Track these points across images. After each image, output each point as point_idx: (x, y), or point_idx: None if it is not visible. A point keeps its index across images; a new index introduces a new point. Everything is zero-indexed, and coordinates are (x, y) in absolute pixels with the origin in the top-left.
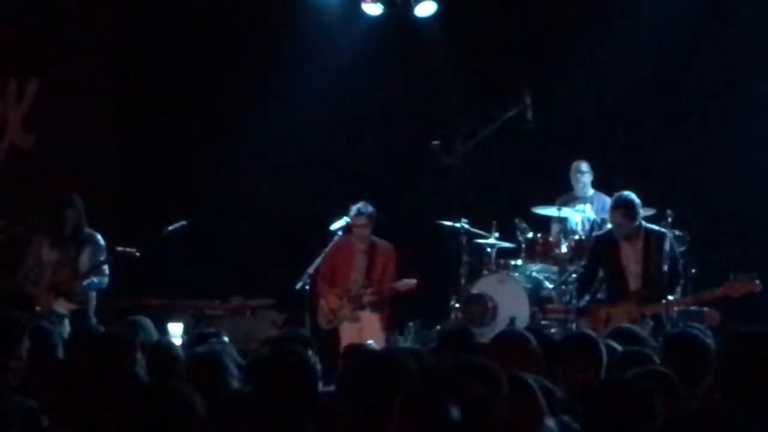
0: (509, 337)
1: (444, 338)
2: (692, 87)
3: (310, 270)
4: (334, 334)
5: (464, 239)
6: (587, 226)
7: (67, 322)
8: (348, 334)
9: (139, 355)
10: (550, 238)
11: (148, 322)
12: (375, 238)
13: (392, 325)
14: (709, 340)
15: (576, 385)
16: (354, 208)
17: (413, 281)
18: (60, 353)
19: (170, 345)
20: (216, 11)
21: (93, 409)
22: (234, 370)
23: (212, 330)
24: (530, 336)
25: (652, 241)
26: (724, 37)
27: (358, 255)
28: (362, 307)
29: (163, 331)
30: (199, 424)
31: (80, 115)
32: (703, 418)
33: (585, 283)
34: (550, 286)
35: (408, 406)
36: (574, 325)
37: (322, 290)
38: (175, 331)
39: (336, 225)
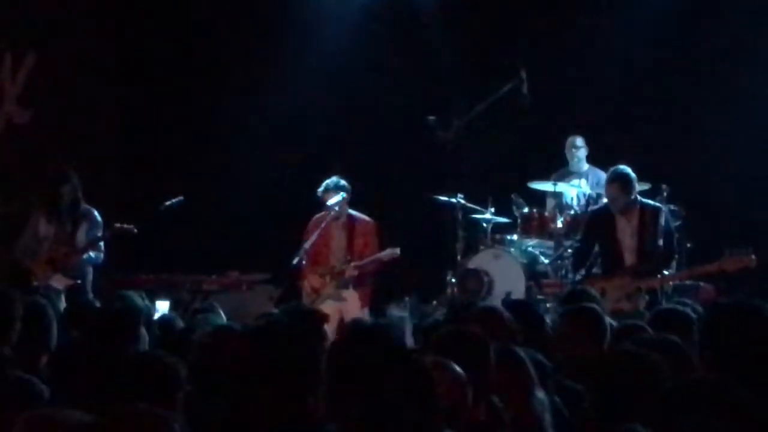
0: (484, 311)
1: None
2: (687, 62)
3: (307, 245)
4: None
5: (460, 214)
6: (582, 201)
7: (63, 297)
8: (329, 313)
9: (143, 331)
10: (546, 213)
11: (137, 298)
12: (353, 213)
13: (371, 303)
14: (697, 316)
15: (575, 359)
16: (323, 184)
17: (396, 250)
18: (55, 329)
19: (173, 319)
20: None
21: (93, 385)
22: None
23: (207, 304)
24: (503, 309)
25: (648, 215)
26: (719, 10)
27: (335, 231)
28: (345, 285)
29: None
30: (181, 389)
31: (77, 90)
32: (701, 389)
33: (581, 258)
34: (546, 260)
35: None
36: None
37: (305, 269)
38: (162, 307)
39: (332, 200)
